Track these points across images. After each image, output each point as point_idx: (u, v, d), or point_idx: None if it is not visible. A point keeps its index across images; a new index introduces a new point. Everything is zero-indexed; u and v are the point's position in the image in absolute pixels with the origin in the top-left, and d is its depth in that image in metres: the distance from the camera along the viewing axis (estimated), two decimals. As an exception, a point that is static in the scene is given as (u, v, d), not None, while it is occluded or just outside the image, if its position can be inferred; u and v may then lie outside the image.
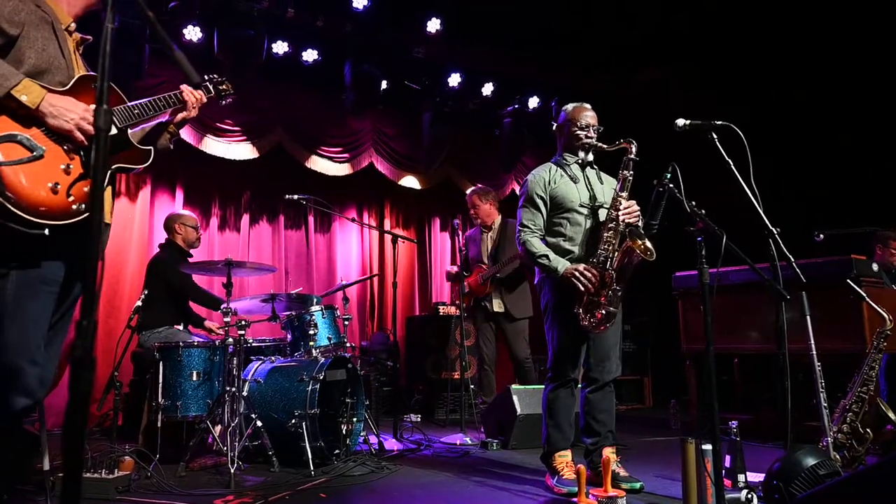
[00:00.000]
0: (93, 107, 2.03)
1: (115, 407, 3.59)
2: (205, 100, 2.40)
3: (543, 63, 6.96)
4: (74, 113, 1.94)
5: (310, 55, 5.86)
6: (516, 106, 7.30)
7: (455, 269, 5.60)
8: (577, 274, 3.12)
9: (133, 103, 2.17)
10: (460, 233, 5.66)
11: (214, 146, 5.73)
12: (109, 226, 2.20)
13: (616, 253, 3.13)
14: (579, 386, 3.45)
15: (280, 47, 5.68)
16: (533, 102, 7.29)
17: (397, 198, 7.27)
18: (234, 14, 5.27)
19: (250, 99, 5.85)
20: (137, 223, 5.58)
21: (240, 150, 5.86)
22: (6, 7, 1.90)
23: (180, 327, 4.33)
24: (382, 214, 7.22)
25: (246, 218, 6.22)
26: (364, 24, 5.87)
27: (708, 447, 2.63)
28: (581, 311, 3.15)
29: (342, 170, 6.48)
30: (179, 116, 2.33)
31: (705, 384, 2.65)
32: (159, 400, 3.61)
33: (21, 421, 2.05)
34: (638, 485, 3.20)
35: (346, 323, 4.49)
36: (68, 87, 2.01)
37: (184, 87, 2.31)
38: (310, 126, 6.27)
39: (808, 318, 3.02)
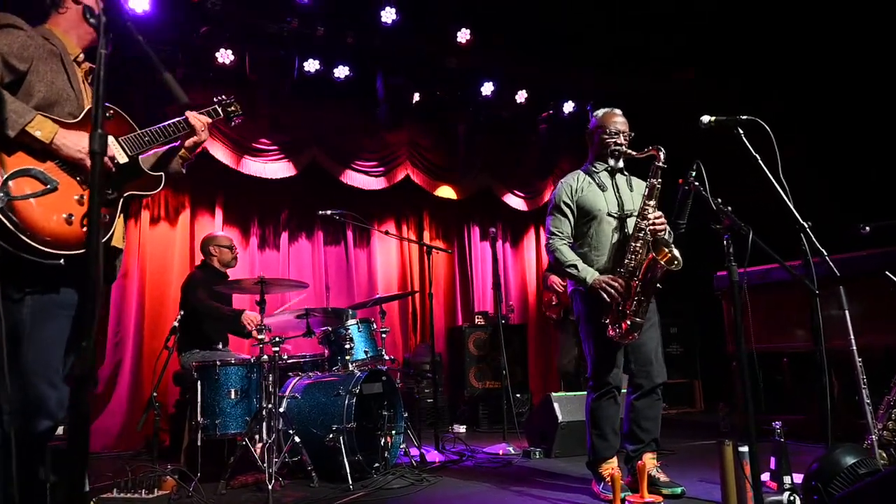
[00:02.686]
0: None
1: (155, 427, 3.65)
2: (210, 122, 2.42)
3: (576, 67, 6.84)
4: (84, 144, 1.98)
5: (341, 71, 5.92)
6: (551, 112, 7.22)
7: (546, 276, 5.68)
8: (604, 285, 3.10)
9: (142, 131, 2.20)
10: (500, 241, 5.62)
11: (251, 166, 5.83)
12: (122, 251, 2.23)
13: (642, 264, 3.06)
14: (623, 392, 3.37)
15: (311, 65, 5.76)
16: (568, 107, 7.21)
17: (436, 209, 7.25)
18: (264, 35, 5.38)
19: (284, 117, 5.95)
20: (178, 245, 5.71)
21: (276, 168, 5.95)
22: (15, 44, 1.94)
23: (220, 346, 4.38)
24: (421, 226, 7.21)
25: (285, 236, 6.30)
26: (393, 38, 5.89)
27: (745, 449, 2.53)
28: (608, 321, 3.10)
29: (378, 183, 6.50)
30: (190, 141, 2.35)
31: (743, 384, 2.51)
32: (199, 419, 3.66)
33: (45, 443, 2.08)
34: (679, 489, 3.14)
35: (384, 336, 4.48)
36: (79, 118, 2.05)
37: (188, 113, 2.34)
38: (344, 141, 6.33)
39: (847, 313, 2.86)
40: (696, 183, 2.82)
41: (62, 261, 1.93)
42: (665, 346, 7.16)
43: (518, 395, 6.21)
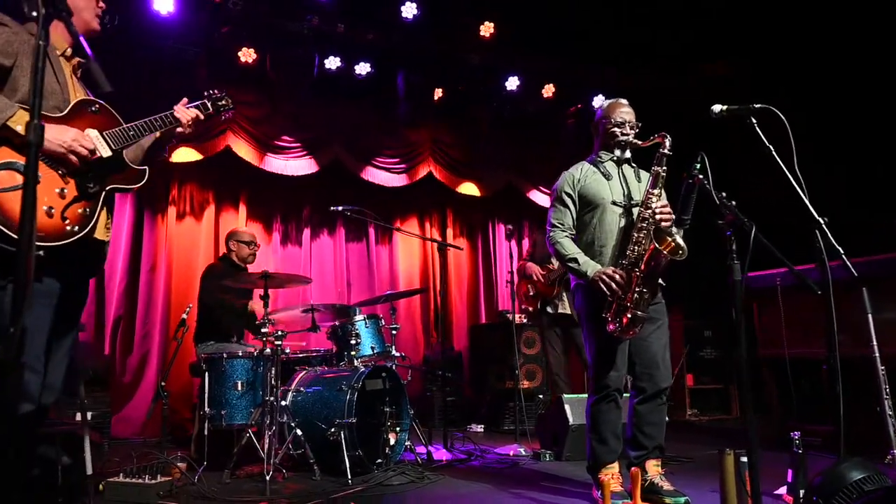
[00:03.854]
0: (89, 132, 2.15)
1: (164, 415, 3.74)
2: (201, 117, 2.46)
3: (605, 62, 6.72)
4: (65, 138, 2.03)
5: (362, 68, 5.95)
6: (579, 106, 7.09)
7: (523, 264, 5.38)
8: (604, 278, 2.98)
9: (127, 125, 2.24)
10: (514, 237, 5.52)
11: (274, 163, 5.93)
12: (106, 243, 2.27)
13: (644, 254, 2.95)
14: (626, 396, 3.27)
15: (332, 63, 5.80)
16: (598, 101, 7.05)
17: (459, 206, 7.23)
18: (285, 34, 5.45)
19: (306, 115, 6.02)
20: (203, 240, 5.85)
21: (298, 165, 6.03)
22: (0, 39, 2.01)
23: (234, 339, 4.46)
24: (444, 223, 7.20)
25: (307, 232, 6.39)
26: (414, 34, 5.89)
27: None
28: (608, 315, 2.99)
29: (399, 180, 6.52)
30: (177, 132, 2.39)
31: (741, 389, 2.41)
32: (206, 409, 3.73)
33: (33, 426, 2.14)
34: (682, 499, 3.00)
35: (394, 333, 4.48)
36: (65, 112, 2.11)
37: (176, 107, 2.38)
38: (366, 138, 6.37)
39: (871, 317, 2.69)
40: (701, 176, 2.72)
41: (41, 252, 1.97)
42: (699, 349, 6.98)
43: (541, 396, 6.14)
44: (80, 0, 2.26)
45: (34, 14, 1.98)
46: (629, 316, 2.97)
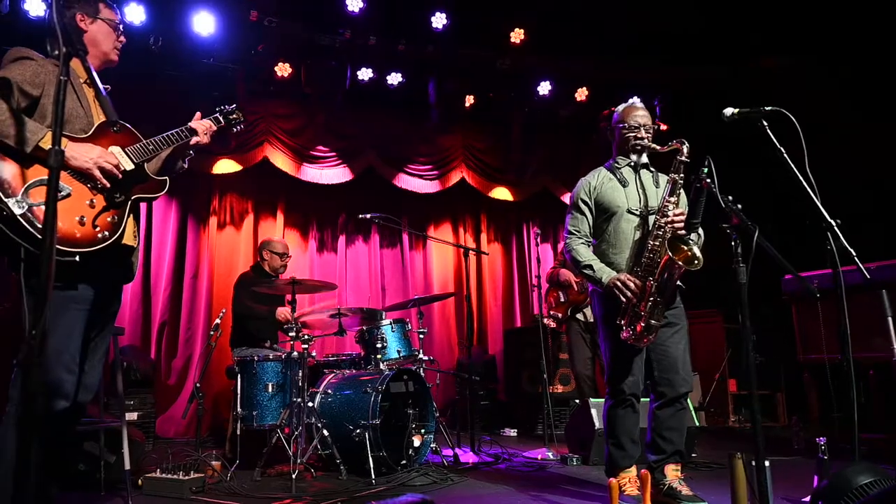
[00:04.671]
0: (112, 149, 2.33)
1: (198, 415, 3.93)
2: (214, 128, 2.60)
3: (639, 62, 6.65)
4: (91, 155, 2.21)
5: (394, 78, 6.09)
6: (612, 109, 7.03)
7: (556, 270, 5.34)
8: (619, 284, 2.99)
9: (147, 140, 2.41)
10: (539, 241, 5.53)
11: (309, 172, 6.15)
12: (135, 249, 2.44)
13: (659, 263, 2.95)
14: (644, 400, 3.27)
15: (365, 74, 5.96)
16: (639, 105, 6.97)
17: (494, 210, 7.29)
18: (318, 48, 5.63)
19: (340, 125, 6.21)
20: (243, 248, 6.10)
21: (333, 174, 6.23)
22: (27, 72, 2.21)
23: (268, 343, 4.63)
24: (479, 228, 7.26)
25: (342, 239, 6.57)
26: (445, 43, 5.99)
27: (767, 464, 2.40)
28: (623, 322, 3.00)
29: (432, 186, 6.64)
30: (193, 141, 2.54)
31: (751, 393, 2.39)
32: (238, 410, 3.90)
33: (67, 423, 2.31)
34: (701, 505, 2.96)
35: (421, 337, 4.57)
36: (90, 133, 2.29)
37: (193, 121, 2.53)
38: (398, 146, 6.51)
39: (890, 319, 2.63)
40: (708, 180, 2.72)
41: (76, 258, 2.15)
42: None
43: (577, 401, 6.11)
44: (100, 34, 2.46)
45: (56, 52, 2.20)
46: (643, 324, 2.97)
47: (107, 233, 2.24)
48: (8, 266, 2.16)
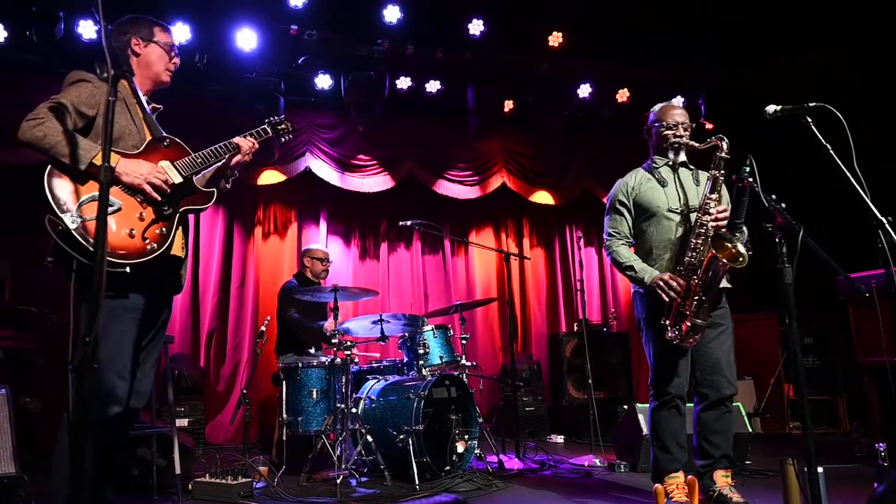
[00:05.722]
0: (161, 163, 2.41)
1: (246, 420, 4.01)
2: (256, 146, 2.65)
3: (680, 62, 6.52)
4: (142, 171, 2.30)
5: (432, 86, 6.13)
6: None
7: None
8: (661, 284, 2.95)
9: (195, 154, 2.48)
10: (583, 244, 5.47)
11: (351, 181, 6.23)
12: (184, 259, 2.51)
13: (703, 261, 2.89)
14: (689, 405, 3.19)
15: (403, 82, 6.02)
16: (676, 103, 6.84)
17: (536, 214, 7.24)
18: (357, 59, 5.72)
19: (380, 133, 6.28)
20: (287, 256, 6.21)
21: (374, 182, 6.30)
22: (83, 94, 2.32)
23: (312, 350, 4.70)
24: (521, 232, 7.22)
25: (384, 246, 6.63)
26: (482, 49, 6.00)
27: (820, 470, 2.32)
28: (668, 322, 2.95)
29: (473, 192, 6.64)
30: (235, 160, 2.60)
31: (801, 397, 2.30)
32: (284, 416, 3.97)
33: (119, 427, 2.39)
34: (751, 512, 2.87)
35: (464, 342, 4.57)
36: (141, 149, 2.38)
37: (237, 137, 2.60)
38: (438, 153, 6.54)
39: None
40: (750, 179, 2.65)
41: (127, 268, 2.23)
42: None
43: (625, 406, 5.99)
44: (153, 56, 2.56)
45: (104, 75, 2.30)
46: (689, 324, 2.93)
47: (155, 244, 2.31)
48: (64, 276, 2.26)
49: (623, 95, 6.69)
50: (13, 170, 4.83)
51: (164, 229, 2.36)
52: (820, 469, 2.37)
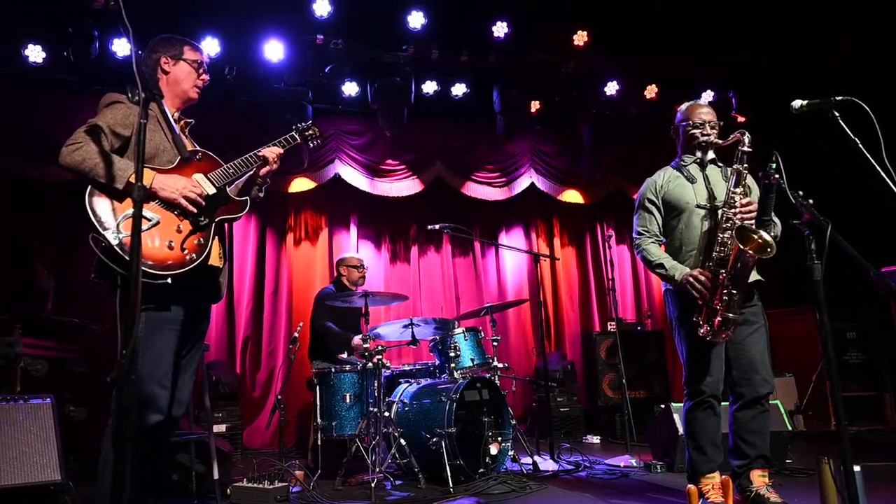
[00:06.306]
0: (195, 176, 2.48)
1: (281, 425, 4.08)
2: (281, 152, 2.70)
3: (709, 55, 6.42)
4: (177, 186, 2.37)
5: (458, 89, 6.15)
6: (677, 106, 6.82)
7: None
8: (691, 280, 2.93)
9: (226, 165, 2.55)
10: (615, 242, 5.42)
11: (380, 186, 6.31)
12: (221, 269, 2.57)
13: (730, 254, 2.86)
14: (724, 404, 3.15)
15: (429, 87, 6.05)
16: (707, 97, 6.76)
17: (566, 213, 7.20)
18: (383, 65, 5.77)
19: (407, 138, 6.33)
20: (319, 262, 6.30)
21: (402, 186, 6.37)
22: (118, 115, 2.40)
23: (345, 355, 4.75)
24: (551, 232, 7.19)
25: (414, 249, 6.67)
26: (507, 51, 5.99)
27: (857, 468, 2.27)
28: (700, 319, 2.92)
29: (501, 193, 6.66)
30: (264, 170, 2.65)
31: (833, 391, 2.25)
32: (318, 421, 4.03)
33: (161, 435, 2.46)
34: (789, 512, 2.82)
35: (495, 344, 4.57)
36: (175, 164, 2.45)
37: (263, 148, 2.65)
38: (466, 156, 6.57)
39: None
40: (777, 175, 2.62)
41: (168, 280, 2.30)
42: (842, 354, 6.40)
43: (662, 406, 5.92)
44: (181, 73, 2.63)
45: (136, 98, 2.39)
46: (720, 318, 2.90)
47: (194, 255, 2.37)
48: (110, 293, 2.34)
49: (651, 91, 6.62)
50: (52, 186, 5.01)
51: (201, 240, 2.42)
52: (857, 467, 2.31)
